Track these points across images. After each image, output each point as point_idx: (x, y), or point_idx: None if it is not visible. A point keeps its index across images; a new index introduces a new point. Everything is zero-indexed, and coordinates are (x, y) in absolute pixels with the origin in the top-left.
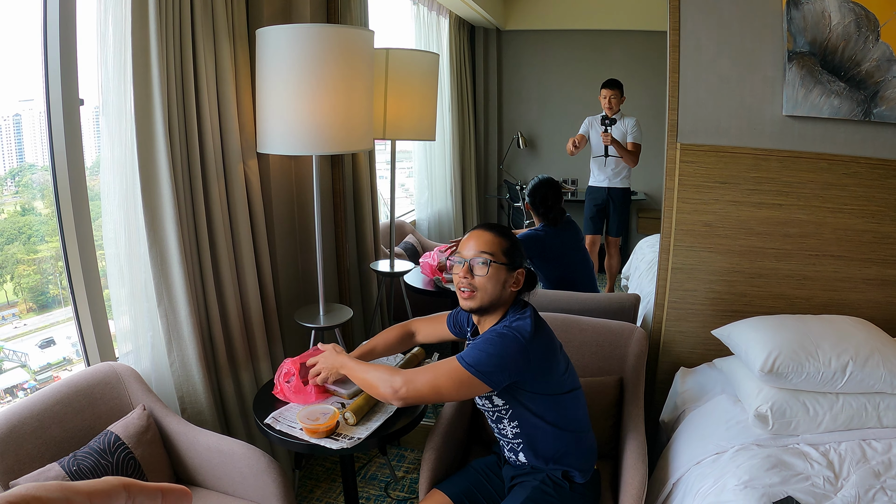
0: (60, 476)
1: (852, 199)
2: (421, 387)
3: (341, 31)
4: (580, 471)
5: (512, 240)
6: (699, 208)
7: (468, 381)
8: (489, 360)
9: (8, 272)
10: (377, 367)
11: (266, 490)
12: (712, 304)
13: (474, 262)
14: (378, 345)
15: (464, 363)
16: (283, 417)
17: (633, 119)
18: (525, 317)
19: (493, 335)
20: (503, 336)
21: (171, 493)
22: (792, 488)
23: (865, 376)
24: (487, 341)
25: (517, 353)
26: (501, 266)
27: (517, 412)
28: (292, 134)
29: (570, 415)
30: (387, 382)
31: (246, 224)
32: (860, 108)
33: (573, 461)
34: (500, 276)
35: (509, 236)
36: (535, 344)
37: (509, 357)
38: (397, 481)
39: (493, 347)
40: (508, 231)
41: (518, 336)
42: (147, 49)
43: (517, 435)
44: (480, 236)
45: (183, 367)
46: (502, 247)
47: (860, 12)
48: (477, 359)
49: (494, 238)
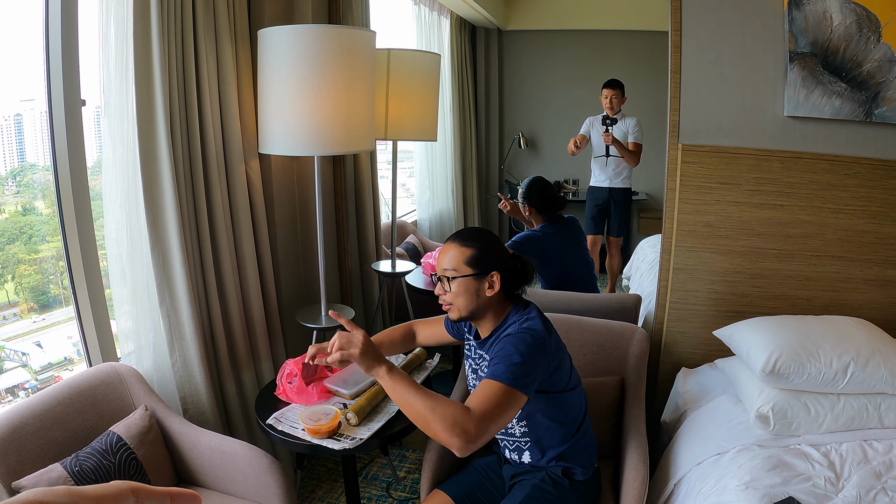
0: (63, 476)
1: (854, 200)
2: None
3: (343, 32)
4: (582, 468)
5: (479, 245)
6: (700, 209)
7: (517, 398)
8: (523, 370)
9: (9, 272)
10: (438, 398)
11: (268, 490)
12: (713, 305)
13: (442, 278)
14: (383, 343)
15: (504, 380)
16: (285, 418)
17: (633, 119)
18: (532, 316)
19: (512, 345)
20: (523, 341)
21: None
22: (793, 489)
23: (866, 377)
24: (512, 352)
25: (542, 354)
26: (467, 278)
27: (526, 411)
28: (294, 134)
29: (574, 411)
30: (458, 426)
31: (248, 224)
32: (861, 109)
33: (575, 458)
34: (469, 287)
35: (476, 242)
36: (551, 341)
37: (536, 360)
38: (399, 481)
39: (520, 356)
40: (479, 236)
41: (535, 337)
42: (149, 49)
43: (525, 434)
44: (446, 251)
45: (185, 368)
46: (465, 257)
47: (861, 13)
48: (514, 373)
49: (457, 249)
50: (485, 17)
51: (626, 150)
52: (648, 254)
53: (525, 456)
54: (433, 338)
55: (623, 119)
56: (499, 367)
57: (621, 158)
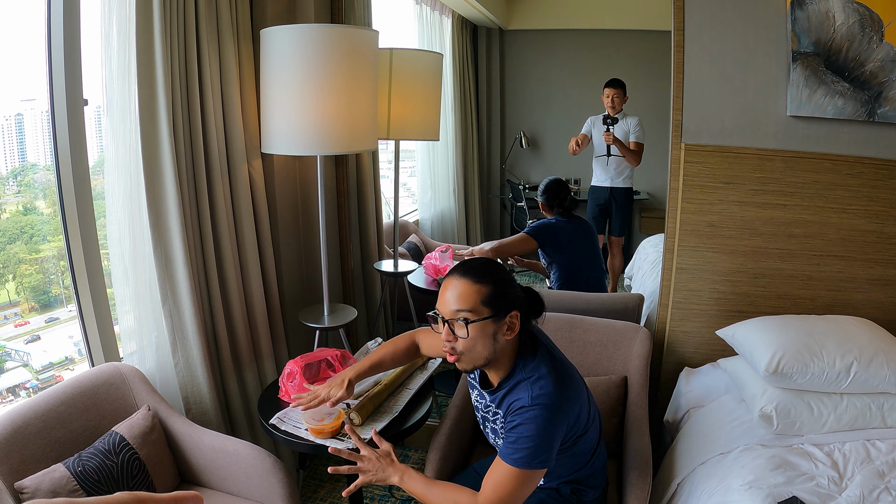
0: (65, 477)
1: (856, 200)
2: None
3: (346, 32)
4: (592, 488)
5: (496, 280)
6: (703, 208)
7: (534, 478)
8: (538, 449)
9: (10, 272)
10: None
11: (271, 490)
12: (716, 305)
13: (452, 323)
14: (385, 357)
15: (521, 465)
16: (288, 418)
17: (635, 118)
18: (543, 374)
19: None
20: (536, 418)
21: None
22: (796, 488)
23: (870, 376)
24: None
25: (555, 425)
26: (486, 321)
27: None
28: (296, 134)
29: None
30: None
31: (250, 224)
32: (864, 109)
33: (586, 480)
34: (486, 330)
35: (492, 277)
36: (564, 401)
37: (551, 433)
38: None
39: (533, 437)
40: (491, 270)
41: (549, 410)
42: (151, 49)
43: None
44: (456, 288)
45: (187, 368)
46: (481, 296)
47: (864, 13)
48: (529, 454)
49: (471, 287)
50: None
51: (628, 149)
52: (650, 253)
53: None
54: (436, 350)
55: (624, 118)
56: (514, 451)
57: (622, 158)
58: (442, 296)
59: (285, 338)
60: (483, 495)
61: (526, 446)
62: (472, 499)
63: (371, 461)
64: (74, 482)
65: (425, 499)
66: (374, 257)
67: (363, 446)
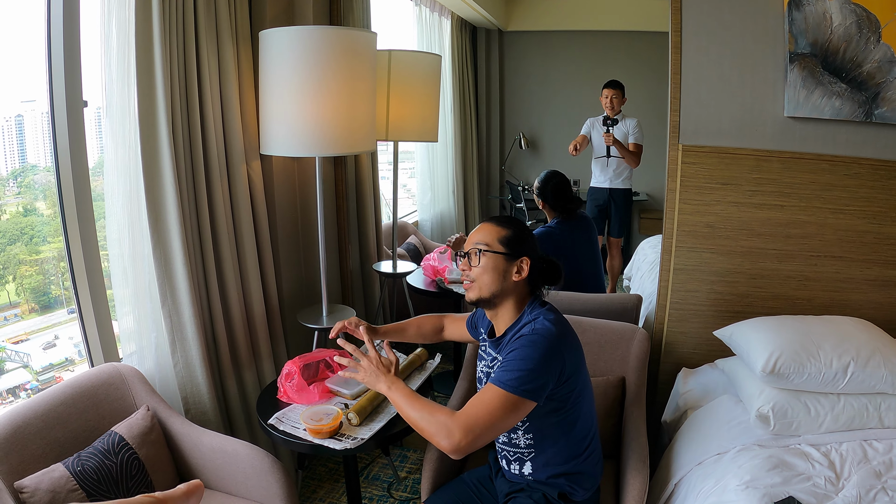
0: (65, 476)
1: (854, 201)
2: (481, 432)
3: (344, 33)
4: (583, 489)
5: (516, 230)
6: (701, 209)
7: (520, 405)
8: (530, 375)
9: (10, 273)
10: (429, 408)
11: (270, 490)
12: (714, 305)
13: (471, 252)
14: (410, 327)
15: (508, 388)
16: (286, 418)
17: (634, 120)
18: (548, 318)
19: (522, 347)
20: (534, 344)
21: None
22: (793, 488)
23: (867, 377)
24: (519, 356)
25: (552, 356)
26: (497, 255)
27: (534, 423)
28: (295, 135)
29: (585, 424)
30: (444, 431)
31: (249, 225)
32: (861, 110)
33: (578, 479)
34: (497, 265)
35: (514, 226)
36: (564, 341)
37: (546, 363)
38: (400, 481)
39: (526, 361)
40: (516, 222)
41: (546, 339)
42: (151, 50)
43: (530, 446)
44: (481, 229)
45: (186, 368)
46: (500, 236)
47: (861, 14)
48: (519, 378)
49: (494, 228)
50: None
51: (627, 150)
52: (649, 254)
53: (526, 467)
54: (458, 334)
55: (623, 120)
56: (505, 373)
57: (622, 159)
58: (470, 237)
59: (284, 338)
60: (463, 413)
61: (518, 368)
62: (450, 416)
63: (370, 366)
64: (74, 482)
65: (405, 411)
66: (373, 258)
67: (371, 351)
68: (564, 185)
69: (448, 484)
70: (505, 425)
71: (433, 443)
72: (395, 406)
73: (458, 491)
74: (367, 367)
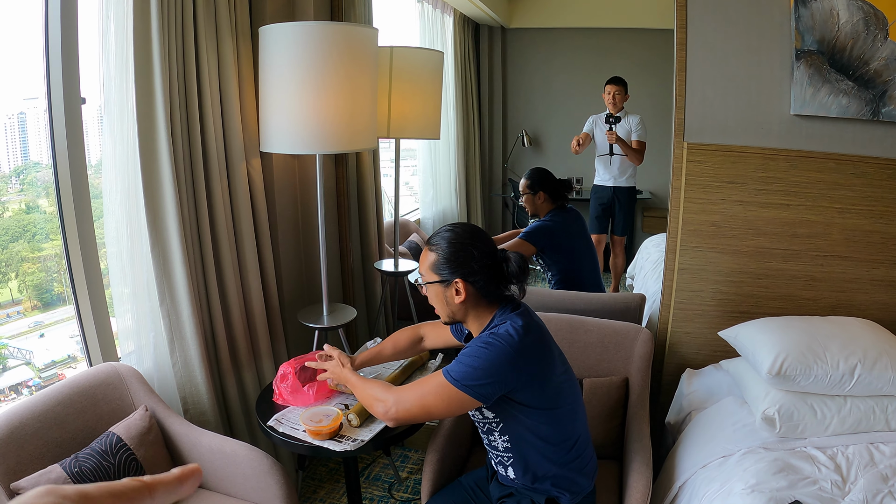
0: (62, 477)
1: (860, 200)
2: (410, 406)
3: (345, 29)
4: (571, 493)
5: (443, 250)
6: (706, 208)
7: (456, 397)
8: (475, 373)
9: (13, 270)
10: (373, 385)
11: (269, 492)
12: (719, 305)
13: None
14: (386, 348)
15: (450, 378)
16: (286, 419)
17: (637, 117)
18: (514, 323)
19: (477, 345)
20: (488, 345)
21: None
22: (799, 492)
23: (874, 379)
24: (472, 353)
25: (504, 362)
26: (433, 285)
27: (508, 426)
28: (296, 133)
29: (564, 431)
30: (379, 402)
31: (249, 223)
32: (869, 108)
33: (564, 484)
34: (437, 293)
35: (440, 246)
36: (525, 350)
37: (496, 367)
38: (401, 482)
39: (477, 359)
40: (448, 237)
41: (503, 343)
42: (149, 46)
43: (507, 449)
44: (421, 255)
45: (185, 368)
46: (431, 262)
47: (868, 10)
48: (463, 373)
49: (426, 254)
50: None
51: (630, 148)
52: (652, 253)
53: (509, 471)
54: (441, 341)
55: (626, 117)
56: (453, 364)
57: (625, 157)
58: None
59: (284, 338)
60: (402, 388)
61: (465, 363)
62: (392, 390)
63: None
64: (70, 483)
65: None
66: (375, 256)
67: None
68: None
69: (446, 487)
70: (439, 411)
71: (372, 412)
72: (355, 393)
73: (456, 494)
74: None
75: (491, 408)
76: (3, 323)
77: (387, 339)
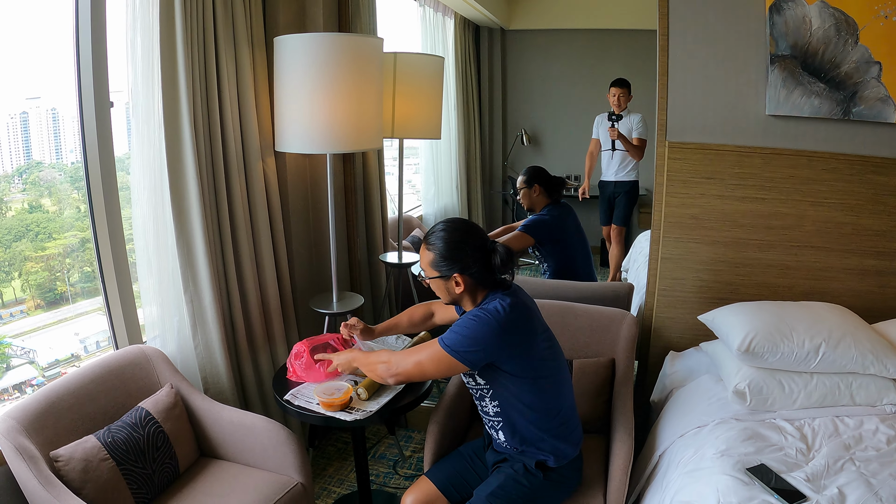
0: (97, 447)
1: (832, 194)
2: (408, 366)
3: (353, 40)
4: (555, 456)
5: (439, 249)
6: (686, 202)
7: (447, 360)
8: (463, 341)
9: (16, 269)
10: (376, 353)
11: (285, 461)
12: (699, 292)
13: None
14: (402, 320)
15: (443, 344)
16: (300, 394)
17: (638, 115)
18: (503, 301)
19: (468, 318)
20: (477, 318)
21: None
22: (766, 457)
23: (838, 357)
24: (463, 324)
25: (490, 333)
26: (435, 279)
27: (497, 392)
28: (308, 134)
29: (549, 400)
30: (382, 364)
31: (265, 217)
32: (840, 108)
33: (549, 447)
34: (439, 286)
35: (436, 245)
36: (509, 324)
37: (482, 337)
38: (405, 460)
39: (467, 329)
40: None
41: (489, 317)
42: (174, 55)
43: (497, 414)
44: (420, 253)
45: (206, 350)
46: (430, 260)
47: (840, 17)
48: (453, 340)
49: (423, 252)
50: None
51: (631, 144)
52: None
53: (500, 435)
54: (447, 317)
55: (628, 115)
56: (447, 333)
57: (626, 152)
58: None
59: (297, 323)
60: (402, 353)
61: (458, 332)
62: (391, 354)
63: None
64: (105, 452)
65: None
66: (380, 249)
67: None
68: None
69: (447, 456)
70: (431, 372)
71: (374, 375)
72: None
73: (456, 462)
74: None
75: (482, 375)
76: (6, 322)
77: (403, 312)
